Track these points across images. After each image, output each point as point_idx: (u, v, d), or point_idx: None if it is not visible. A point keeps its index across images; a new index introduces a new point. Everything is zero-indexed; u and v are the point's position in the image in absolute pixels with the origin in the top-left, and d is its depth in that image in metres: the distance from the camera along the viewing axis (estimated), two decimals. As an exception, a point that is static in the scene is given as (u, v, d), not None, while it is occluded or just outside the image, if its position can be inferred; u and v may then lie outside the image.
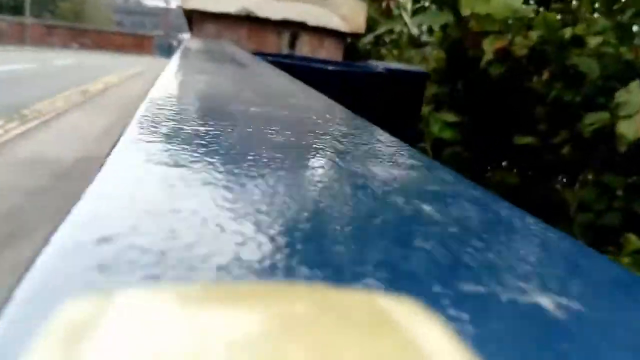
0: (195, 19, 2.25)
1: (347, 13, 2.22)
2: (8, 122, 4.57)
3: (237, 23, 2.21)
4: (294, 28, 2.21)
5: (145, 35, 32.60)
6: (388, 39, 2.73)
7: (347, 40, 2.40)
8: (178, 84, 0.49)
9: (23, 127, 4.50)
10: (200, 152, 0.26)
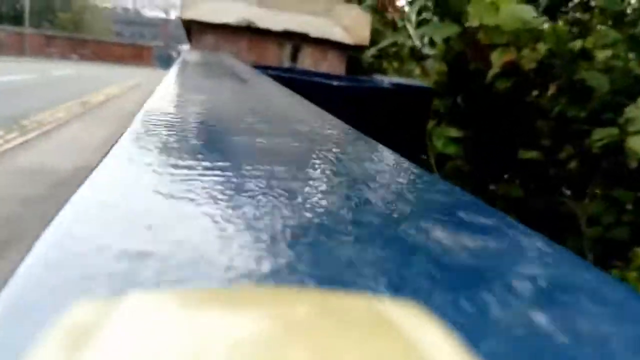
0: (194, 30, 2.19)
1: (350, 24, 2.15)
2: (8, 132, 4.67)
3: (237, 34, 2.14)
4: (296, 40, 2.14)
5: (145, 46, 32.82)
6: (393, 52, 2.69)
7: (350, 53, 2.34)
8: (171, 107, 0.42)
9: (23, 137, 4.60)
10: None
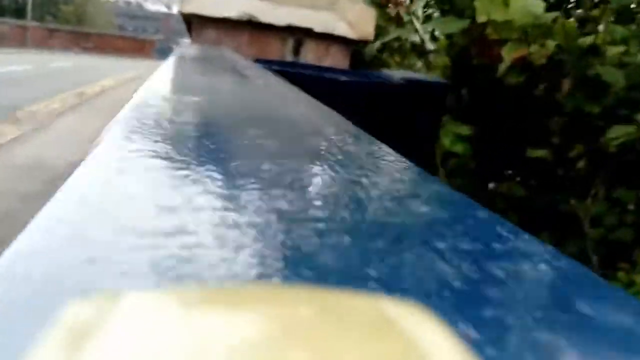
0: (194, 24, 2.13)
1: (355, 19, 2.09)
2: (3, 123, 4.76)
3: (238, 28, 2.09)
4: (299, 34, 2.08)
5: (146, 40, 32.77)
6: (397, 46, 2.63)
7: (354, 48, 2.28)
8: (156, 114, 0.36)
9: (18, 127, 4.69)
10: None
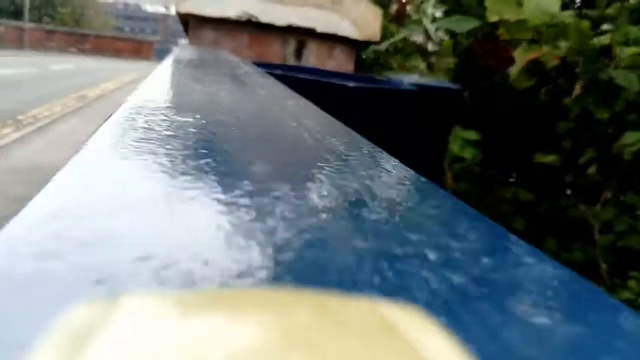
0: (192, 24, 2.04)
1: (359, 19, 2.00)
2: (3, 127, 4.88)
3: (237, 29, 2.00)
4: (301, 35, 1.99)
5: (145, 41, 32.68)
6: (400, 47, 2.56)
7: (359, 49, 2.19)
8: (137, 137, 0.28)
9: (18, 132, 4.80)
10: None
